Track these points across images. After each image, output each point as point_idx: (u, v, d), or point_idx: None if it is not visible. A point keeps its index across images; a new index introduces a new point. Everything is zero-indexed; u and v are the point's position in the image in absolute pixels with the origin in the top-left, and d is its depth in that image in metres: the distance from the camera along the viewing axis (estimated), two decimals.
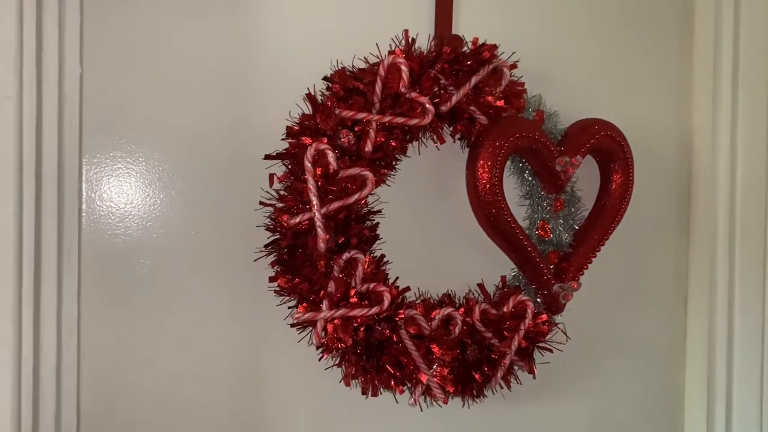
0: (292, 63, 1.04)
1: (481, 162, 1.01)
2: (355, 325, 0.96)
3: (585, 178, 1.16)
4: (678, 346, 1.32)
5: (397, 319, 0.99)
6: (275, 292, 0.97)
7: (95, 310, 0.97)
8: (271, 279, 0.96)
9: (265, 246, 0.96)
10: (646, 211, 1.28)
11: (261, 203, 0.96)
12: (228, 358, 1.04)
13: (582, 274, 1.11)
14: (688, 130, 1.30)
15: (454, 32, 1.09)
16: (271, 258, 0.97)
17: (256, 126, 1.02)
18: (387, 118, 0.97)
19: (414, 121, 0.98)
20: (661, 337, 1.32)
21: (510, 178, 1.13)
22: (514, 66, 1.07)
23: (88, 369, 0.97)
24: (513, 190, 1.14)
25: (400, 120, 0.97)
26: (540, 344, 1.09)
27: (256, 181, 0.99)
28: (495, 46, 1.04)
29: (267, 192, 0.97)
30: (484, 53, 1.03)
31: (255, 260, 0.97)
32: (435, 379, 1.00)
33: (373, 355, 0.98)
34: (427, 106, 0.99)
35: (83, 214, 0.97)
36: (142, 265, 1.00)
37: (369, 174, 0.97)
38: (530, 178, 1.12)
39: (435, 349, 1.00)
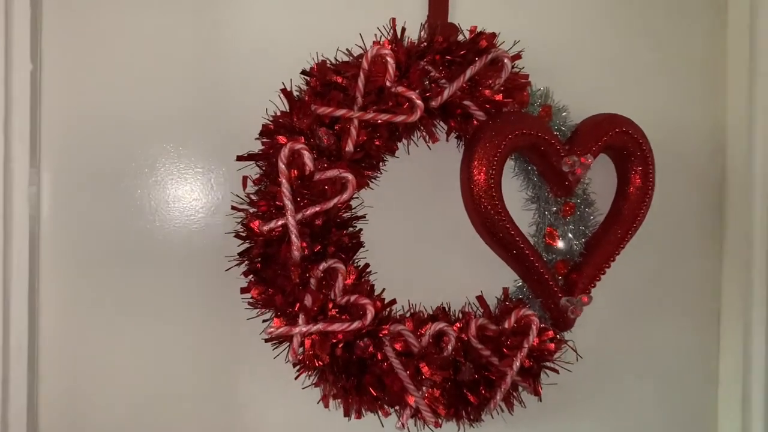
0: (271, 55, 0.96)
1: (476, 162, 0.91)
2: (334, 341, 0.88)
3: (601, 180, 1.06)
4: (710, 365, 1.19)
5: (381, 335, 0.90)
6: (249, 304, 0.90)
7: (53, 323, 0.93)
8: (243, 290, 0.89)
9: (239, 254, 0.89)
10: (673, 215, 1.16)
11: (233, 208, 0.89)
12: (197, 378, 0.98)
13: (593, 287, 1.00)
14: (721, 126, 1.17)
15: (450, 21, 1.00)
16: (244, 267, 0.90)
17: (229, 124, 0.95)
18: (369, 115, 0.88)
19: (400, 118, 0.89)
20: (690, 355, 1.19)
21: (514, 180, 1.03)
22: (517, 57, 0.97)
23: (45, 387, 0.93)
24: (518, 193, 1.03)
25: (384, 117, 0.89)
26: (546, 364, 0.99)
27: (229, 183, 0.91)
28: (494, 35, 0.95)
29: (237, 196, 0.90)
30: (481, 42, 0.94)
31: (226, 270, 0.90)
32: (425, 400, 0.91)
33: (354, 374, 0.90)
34: (416, 101, 0.90)
35: (41, 220, 0.92)
36: (105, 273, 0.94)
37: (349, 176, 0.88)
38: (536, 180, 1.02)
39: (424, 368, 0.91)
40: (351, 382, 0.89)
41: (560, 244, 1.01)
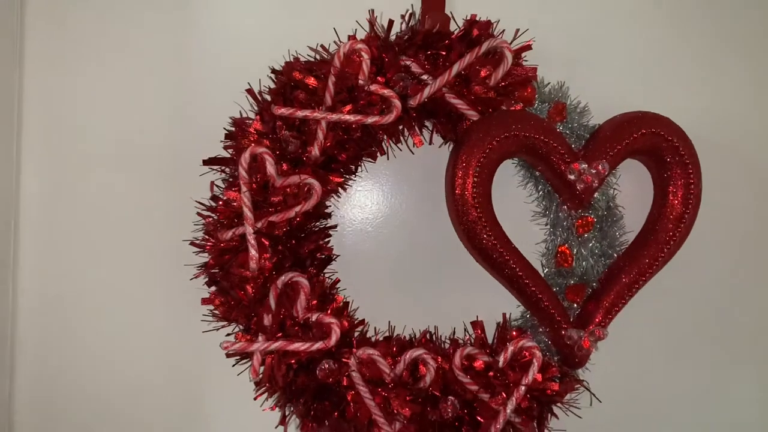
0: (249, 51, 0.91)
1: (458, 168, 0.79)
2: (292, 362, 0.81)
3: (636, 192, 0.89)
4: None
5: (344, 359, 0.81)
6: (213, 315, 0.85)
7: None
8: (204, 301, 0.85)
9: (198, 267, 0.85)
10: (729, 235, 0.96)
11: (198, 215, 0.85)
12: (162, 391, 0.95)
13: (611, 319, 0.84)
14: None
15: (451, 10, 0.88)
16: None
17: (201, 126, 0.91)
18: (336, 117, 0.80)
19: (372, 119, 0.80)
20: (747, 404, 0.97)
21: (520, 190, 0.90)
22: (525, 48, 0.84)
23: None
24: (525, 205, 0.90)
25: (353, 118, 0.80)
26: (552, 404, 0.84)
27: (200, 189, 0.87)
28: (489, 23, 0.82)
29: (199, 203, 0.85)
30: (473, 32, 0.82)
31: (191, 279, 0.86)
32: None
33: (314, 401, 0.81)
34: (392, 99, 0.80)
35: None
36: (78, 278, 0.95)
37: (314, 182, 0.81)
38: (548, 191, 0.87)
39: (393, 401, 0.80)
40: (308, 408, 0.81)
41: (574, 265, 0.85)
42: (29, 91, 0.93)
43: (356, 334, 0.85)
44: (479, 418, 0.82)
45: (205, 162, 0.85)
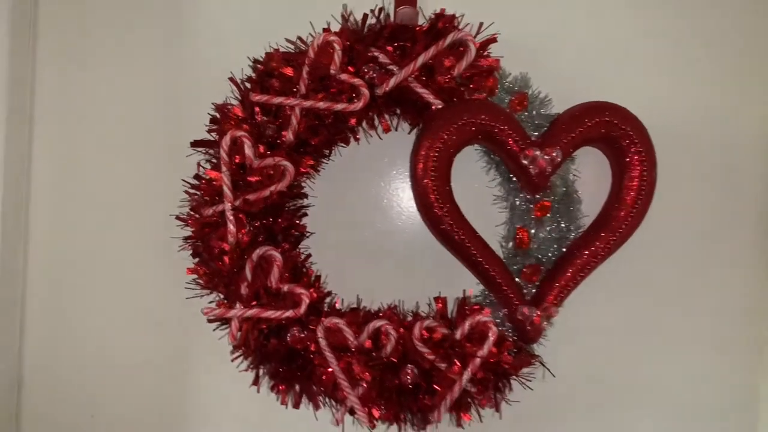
0: (238, 42, 0.97)
1: (419, 154, 0.85)
2: (263, 327, 0.88)
3: (601, 178, 0.93)
4: (747, 407, 0.99)
5: (313, 326, 0.89)
6: (197, 284, 0.93)
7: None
8: (189, 271, 0.93)
9: (183, 239, 0.93)
10: (705, 227, 1.00)
11: (186, 192, 0.93)
12: (153, 345, 1.04)
13: (564, 298, 0.88)
14: None
15: (425, 6, 0.94)
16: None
17: (192, 111, 0.97)
18: (308, 103, 0.87)
19: (340, 106, 0.87)
20: (723, 396, 1.00)
21: (483, 174, 0.95)
22: (491, 40, 0.89)
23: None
24: (489, 190, 0.95)
25: (323, 105, 0.87)
26: (508, 377, 0.90)
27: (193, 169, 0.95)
28: (453, 17, 0.88)
29: (185, 181, 0.93)
30: (439, 25, 0.88)
31: (178, 250, 0.94)
32: (357, 398, 0.88)
33: (282, 363, 0.89)
34: (360, 88, 0.87)
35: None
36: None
37: (287, 164, 0.88)
38: (508, 175, 0.92)
39: (355, 366, 0.87)
40: (277, 370, 0.89)
41: (532, 247, 0.90)
42: (40, 83, 1.03)
43: (325, 305, 0.92)
44: (436, 387, 0.89)
45: (192, 144, 0.93)
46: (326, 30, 0.89)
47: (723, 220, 0.99)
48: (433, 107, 0.89)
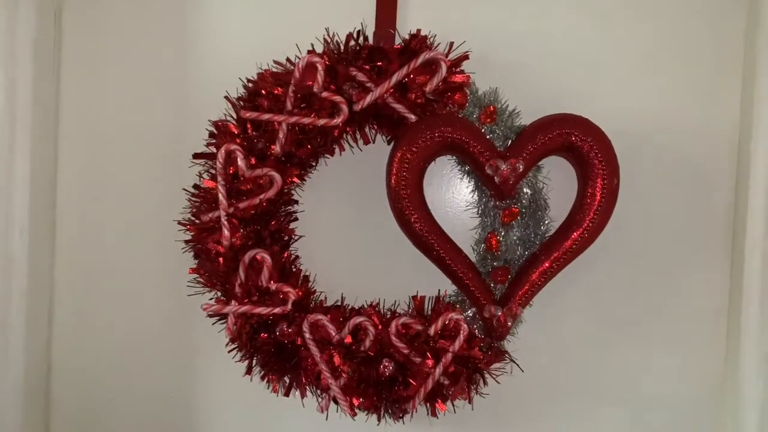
0: (236, 61, 1.04)
1: (391, 165, 0.93)
2: (253, 322, 0.98)
3: (568, 185, 0.99)
4: (713, 398, 1.03)
5: (299, 322, 0.97)
6: (198, 283, 1.04)
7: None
8: (191, 270, 1.03)
9: (185, 242, 1.03)
10: (675, 230, 1.04)
11: (188, 200, 1.04)
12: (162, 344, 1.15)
13: (529, 299, 0.95)
14: (747, 128, 1.00)
15: (404, 27, 1.01)
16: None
17: (196, 127, 1.06)
18: (293, 119, 0.96)
19: (322, 122, 0.95)
20: (691, 389, 1.05)
21: (458, 182, 1.02)
22: (463, 58, 0.96)
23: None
24: (462, 197, 1.02)
25: (306, 120, 0.96)
26: (478, 371, 0.97)
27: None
28: (425, 38, 0.95)
29: (185, 190, 1.02)
30: (412, 45, 0.95)
31: (183, 251, 1.05)
32: (339, 389, 0.96)
33: (272, 355, 0.98)
34: (341, 105, 0.95)
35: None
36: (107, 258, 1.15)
37: (275, 174, 0.97)
38: (479, 183, 0.99)
39: (336, 357, 0.96)
40: (267, 360, 0.98)
41: (501, 250, 0.97)
42: (64, 92, 1.15)
43: (313, 302, 1.01)
44: (411, 380, 0.96)
45: (194, 156, 1.03)
46: (310, 52, 0.98)
47: (691, 224, 1.04)
48: (408, 121, 0.97)
